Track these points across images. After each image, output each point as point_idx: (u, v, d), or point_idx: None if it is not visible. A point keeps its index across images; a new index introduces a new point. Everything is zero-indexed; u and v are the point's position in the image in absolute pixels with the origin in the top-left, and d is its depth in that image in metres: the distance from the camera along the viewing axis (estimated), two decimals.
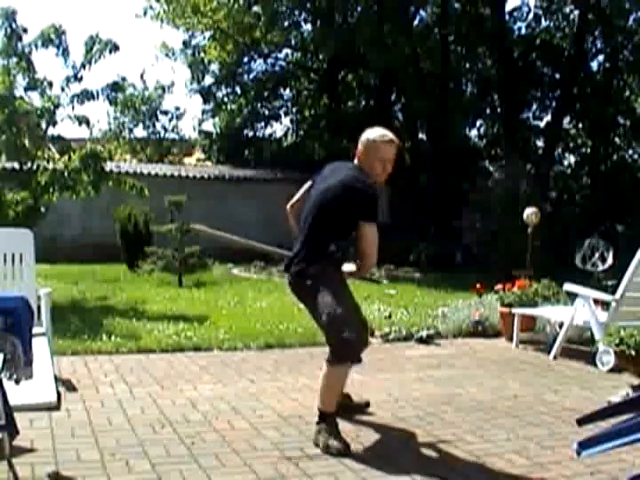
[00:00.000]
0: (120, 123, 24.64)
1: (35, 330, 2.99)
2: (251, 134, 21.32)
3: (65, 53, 8.50)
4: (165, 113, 25.01)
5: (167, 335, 6.12)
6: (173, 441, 3.47)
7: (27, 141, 8.38)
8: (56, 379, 3.17)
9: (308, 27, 19.51)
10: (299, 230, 3.76)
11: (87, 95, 8.65)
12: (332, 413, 3.52)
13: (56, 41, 8.42)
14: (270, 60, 20.51)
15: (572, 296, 5.91)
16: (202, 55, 20.09)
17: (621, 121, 18.94)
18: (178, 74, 41.48)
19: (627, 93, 18.91)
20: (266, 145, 21.19)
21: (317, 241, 3.62)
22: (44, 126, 8.55)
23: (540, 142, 19.14)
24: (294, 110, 21.40)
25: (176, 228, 10.82)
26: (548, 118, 18.67)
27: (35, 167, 8.44)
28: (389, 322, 6.90)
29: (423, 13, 19.20)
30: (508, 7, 18.20)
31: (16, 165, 8.56)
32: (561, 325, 5.79)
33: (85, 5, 42.96)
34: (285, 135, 21.42)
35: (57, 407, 2.95)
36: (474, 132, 20.31)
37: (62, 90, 8.54)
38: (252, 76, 20.67)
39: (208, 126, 22.41)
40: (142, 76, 24.99)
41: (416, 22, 18.97)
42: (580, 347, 5.96)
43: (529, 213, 7.48)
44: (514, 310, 6.24)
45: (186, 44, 20.66)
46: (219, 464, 3.18)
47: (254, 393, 4.45)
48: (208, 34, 19.28)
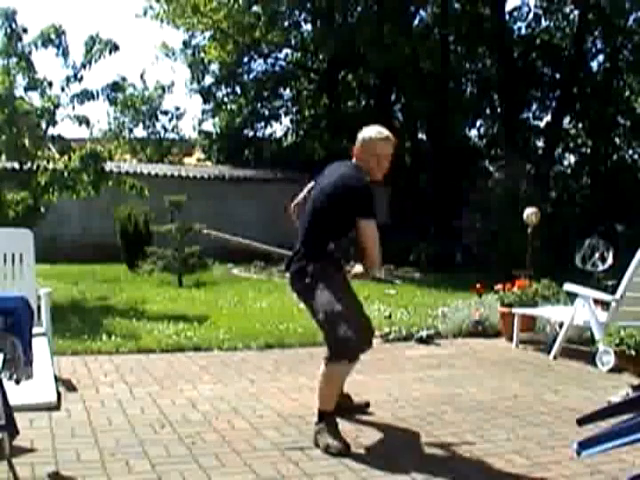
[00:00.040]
0: (120, 123, 24.65)
1: (35, 330, 2.99)
2: (251, 134, 21.32)
3: (65, 53, 8.49)
4: (165, 113, 25.02)
5: (167, 335, 6.12)
6: (173, 441, 3.47)
7: (27, 141, 8.37)
8: (56, 379, 3.17)
9: (308, 27, 19.54)
10: (299, 229, 3.78)
11: (87, 95, 8.64)
12: (331, 412, 3.52)
13: (56, 41, 8.40)
14: (270, 60, 20.52)
15: (572, 296, 5.91)
16: (202, 55, 20.08)
17: (621, 121, 18.95)
18: (178, 74, 41.46)
19: (627, 93, 18.92)
20: (266, 145, 21.19)
21: (316, 240, 3.64)
22: (44, 126, 8.54)
23: (540, 142, 19.16)
24: (294, 110, 21.40)
25: (176, 228, 10.81)
26: (548, 118, 18.70)
27: (35, 167, 8.43)
28: (389, 322, 6.90)
29: (423, 13, 19.23)
30: (508, 7, 18.24)
31: (16, 165, 8.55)
32: (561, 325, 5.79)
33: (85, 5, 43.00)
34: (285, 135, 21.42)
35: (57, 407, 2.95)
36: (474, 132, 20.35)
37: (62, 90, 8.53)
38: (252, 76, 20.68)
39: (208, 126, 22.43)
40: (142, 76, 25.00)
41: (416, 22, 18.99)
42: (580, 347, 5.96)
43: (529, 213, 7.47)
44: (514, 310, 6.24)
45: (186, 44, 20.67)
46: (219, 464, 3.18)
47: (254, 393, 4.45)
48: (208, 34, 19.28)
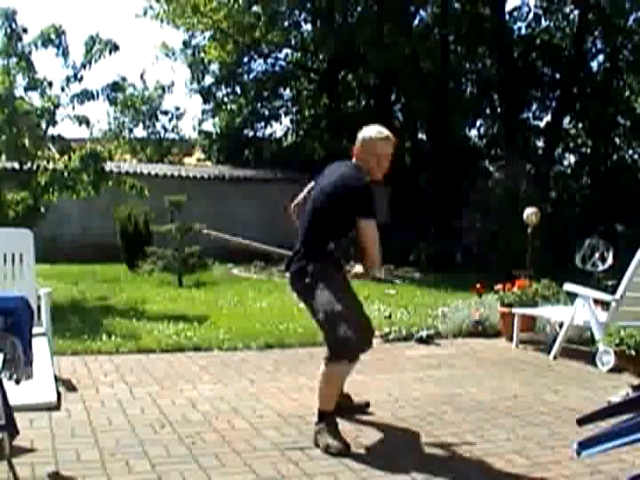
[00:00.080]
0: (120, 123, 24.65)
1: (35, 330, 2.99)
2: (251, 134, 21.32)
3: (65, 53, 8.49)
4: (165, 113, 25.02)
5: (167, 335, 6.12)
6: (173, 441, 3.47)
7: (27, 141, 8.37)
8: (56, 379, 3.16)
9: (308, 27, 19.54)
10: (299, 229, 3.78)
11: (87, 95, 8.64)
12: (331, 412, 3.52)
13: (56, 41, 8.40)
14: (270, 60, 20.52)
15: (572, 296, 5.91)
16: (202, 55, 20.08)
17: (621, 121, 18.95)
18: (178, 74, 41.46)
19: (627, 93, 18.92)
20: (266, 145, 21.19)
21: (316, 240, 3.64)
22: (44, 126, 8.54)
23: (540, 142, 19.16)
24: (294, 110, 21.40)
25: (176, 228, 10.81)
26: (548, 118, 18.70)
27: (35, 167, 8.43)
28: (389, 322, 6.90)
29: (423, 13, 19.23)
30: (508, 7, 18.25)
31: (16, 165, 8.55)
32: (561, 325, 5.79)
33: (85, 5, 43.00)
34: (285, 135, 21.42)
35: (57, 407, 2.95)
36: (474, 132, 20.35)
37: (62, 90, 8.53)
38: (252, 76, 20.68)
39: (208, 126, 22.43)
40: (142, 76, 25.00)
41: (416, 22, 18.99)
42: (580, 347, 5.96)
43: (529, 213, 7.47)
44: (514, 310, 6.24)
45: (186, 44, 20.67)
46: (219, 464, 3.18)
47: (254, 393, 4.45)
48: (208, 34, 19.28)
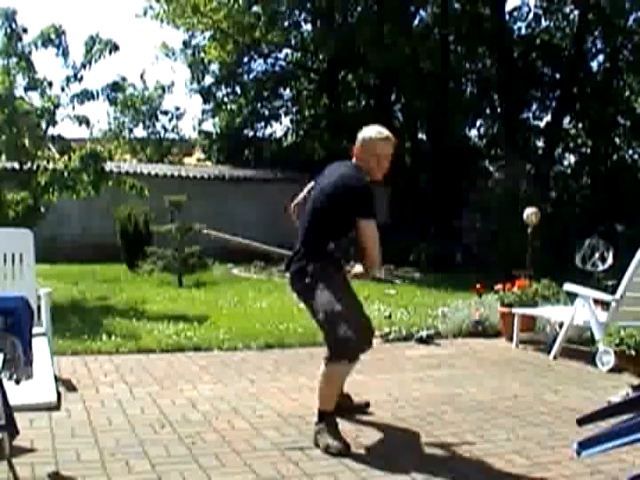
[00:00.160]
0: (120, 123, 24.65)
1: (35, 330, 2.99)
2: (251, 134, 21.32)
3: (65, 53, 8.50)
4: (165, 113, 25.02)
5: (167, 335, 6.12)
6: (173, 441, 3.47)
7: (27, 141, 8.37)
8: (56, 379, 3.16)
9: (308, 27, 19.53)
10: (299, 229, 3.78)
11: (87, 95, 8.64)
12: (331, 412, 3.52)
13: (56, 41, 8.40)
14: (270, 60, 20.52)
15: (572, 296, 5.91)
16: (202, 55, 20.09)
17: (621, 121, 18.95)
18: (178, 74, 41.47)
19: (627, 93, 18.92)
20: (266, 145, 21.19)
21: (316, 240, 3.65)
22: (44, 126, 8.54)
23: (540, 142, 19.16)
24: (294, 110, 21.40)
25: (176, 228, 10.81)
26: (548, 118, 18.70)
27: (35, 167, 8.43)
28: (389, 322, 6.90)
29: (423, 13, 19.23)
30: (508, 7, 18.24)
31: (16, 165, 8.55)
32: (561, 325, 5.79)
33: (85, 5, 43.00)
34: (285, 135, 21.42)
35: (57, 407, 2.95)
36: (474, 132, 20.35)
37: (62, 90, 8.53)
38: (252, 76, 20.68)
39: (208, 126, 22.44)
40: (142, 76, 25.00)
41: (416, 22, 18.99)
42: (580, 347, 5.96)
43: (529, 213, 7.47)
44: (514, 310, 6.24)
45: (186, 44, 20.67)
46: (219, 464, 3.18)
47: (254, 393, 4.45)
48: (208, 34, 19.28)
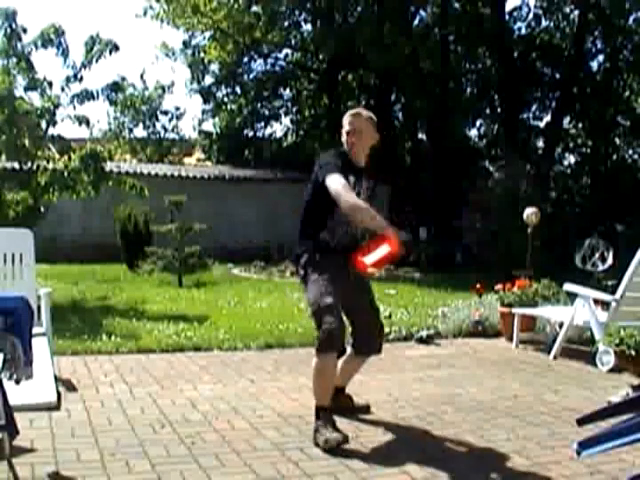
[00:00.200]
0: (120, 123, 24.69)
1: (35, 330, 2.99)
2: (251, 134, 21.35)
3: (65, 53, 8.50)
4: (165, 113, 25.05)
5: (167, 335, 6.12)
6: (173, 441, 3.47)
7: (27, 141, 8.38)
8: (56, 379, 3.16)
9: (308, 27, 19.57)
10: None
11: (87, 95, 8.65)
12: (325, 407, 3.53)
13: (56, 41, 8.42)
14: (270, 60, 20.55)
15: (572, 296, 5.91)
16: (202, 55, 20.11)
17: (621, 121, 18.95)
18: (178, 74, 41.54)
19: (627, 93, 18.93)
20: (266, 145, 21.21)
21: (305, 230, 3.72)
22: (44, 126, 8.55)
23: (540, 142, 19.17)
24: (294, 110, 21.43)
25: (176, 228, 10.82)
26: (548, 118, 18.72)
27: (35, 167, 8.43)
28: (389, 322, 6.89)
29: (423, 13, 19.26)
30: (508, 7, 18.29)
31: (16, 165, 8.56)
32: (561, 325, 5.79)
33: (85, 5, 43.03)
34: (285, 135, 21.45)
35: (57, 407, 2.94)
36: (474, 132, 20.39)
37: (62, 90, 8.54)
38: (252, 76, 20.73)
39: (208, 126, 22.49)
40: (142, 76, 25.06)
41: (416, 22, 19.03)
42: (580, 347, 5.96)
43: (529, 213, 7.47)
44: (514, 310, 6.24)
45: (186, 44, 20.70)
46: (219, 464, 3.18)
47: (254, 393, 4.44)
48: (208, 34, 19.31)
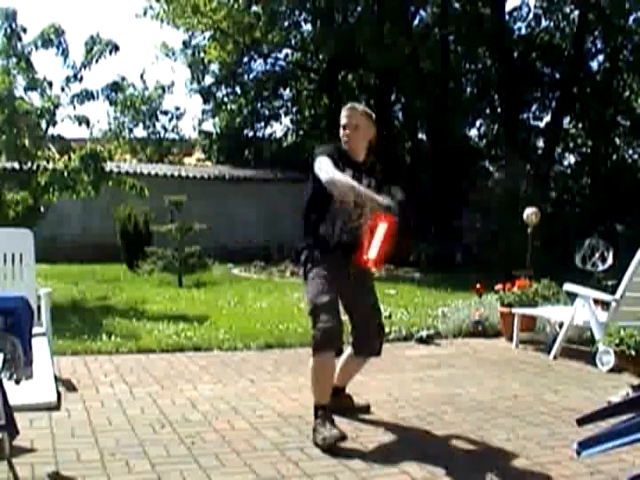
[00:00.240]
0: (120, 123, 24.68)
1: (35, 330, 2.99)
2: (251, 134, 21.34)
3: (65, 53, 8.51)
4: (165, 113, 25.04)
5: (167, 335, 6.12)
6: (173, 441, 3.47)
7: (27, 141, 8.38)
8: (56, 379, 3.16)
9: (308, 27, 19.53)
10: None
11: (87, 95, 8.65)
12: (323, 405, 3.53)
13: (56, 41, 8.42)
14: (270, 60, 20.53)
15: (572, 296, 5.91)
16: (202, 55, 20.10)
17: (621, 121, 18.94)
18: (178, 74, 41.52)
19: (627, 93, 18.91)
20: (266, 145, 21.20)
21: (306, 224, 3.74)
22: (44, 126, 8.55)
23: (540, 142, 19.15)
24: (294, 110, 21.41)
25: (176, 228, 10.83)
26: (548, 118, 18.69)
27: (35, 167, 8.44)
28: (389, 322, 6.89)
29: (423, 13, 19.23)
30: (508, 7, 18.25)
31: (16, 165, 8.56)
32: (561, 325, 5.79)
33: (85, 5, 43.02)
34: (285, 135, 21.44)
35: (57, 407, 2.94)
36: (474, 132, 20.34)
37: (62, 90, 8.54)
38: (252, 76, 20.71)
39: (208, 126, 22.47)
40: (142, 76, 25.04)
41: (416, 22, 19.00)
42: (580, 347, 5.96)
43: (529, 213, 7.47)
44: (514, 310, 6.24)
45: (186, 44, 20.69)
46: (219, 464, 3.18)
47: (254, 393, 4.45)
48: (208, 34, 19.29)
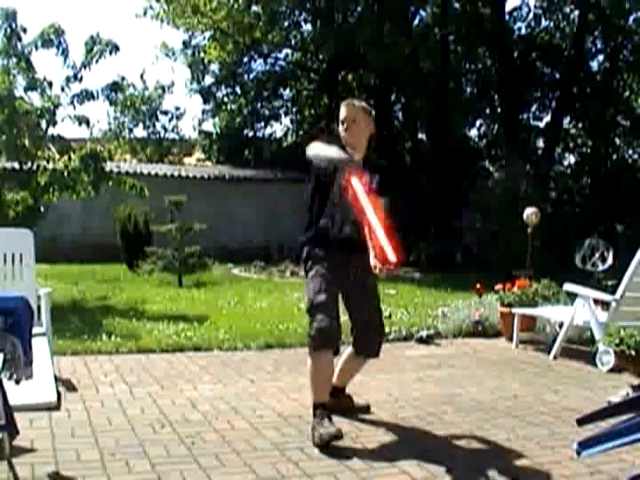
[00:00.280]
0: (120, 123, 24.68)
1: (35, 330, 2.98)
2: (251, 134, 21.34)
3: (65, 53, 8.51)
4: (165, 113, 25.05)
5: (167, 335, 6.12)
6: (173, 441, 3.47)
7: (27, 141, 8.39)
8: (56, 379, 3.16)
9: (308, 27, 19.54)
10: None
11: (87, 95, 8.66)
12: (321, 404, 3.54)
13: (56, 41, 8.42)
14: (270, 60, 20.53)
15: (572, 296, 5.91)
16: (202, 55, 20.10)
17: (621, 121, 18.94)
18: (178, 74, 41.54)
19: (627, 93, 18.90)
20: (266, 145, 21.21)
21: (308, 219, 3.74)
22: (44, 126, 8.55)
23: (540, 142, 19.14)
24: (294, 110, 21.41)
25: (176, 228, 10.83)
26: (548, 118, 18.68)
27: (35, 167, 8.44)
28: (389, 322, 6.89)
29: (423, 13, 19.23)
30: (508, 7, 18.24)
31: (16, 165, 8.57)
32: (561, 325, 5.79)
33: (85, 5, 43.03)
34: (285, 135, 21.44)
35: (57, 407, 2.94)
36: (474, 132, 20.33)
37: (62, 90, 8.55)
38: (252, 76, 20.71)
39: (208, 126, 22.48)
40: (142, 76, 25.04)
41: (416, 22, 18.99)
42: (580, 347, 5.96)
43: (529, 213, 7.47)
44: (514, 310, 6.24)
45: (186, 44, 20.69)
46: (219, 464, 3.18)
47: (254, 393, 4.45)
48: (208, 34, 19.29)
